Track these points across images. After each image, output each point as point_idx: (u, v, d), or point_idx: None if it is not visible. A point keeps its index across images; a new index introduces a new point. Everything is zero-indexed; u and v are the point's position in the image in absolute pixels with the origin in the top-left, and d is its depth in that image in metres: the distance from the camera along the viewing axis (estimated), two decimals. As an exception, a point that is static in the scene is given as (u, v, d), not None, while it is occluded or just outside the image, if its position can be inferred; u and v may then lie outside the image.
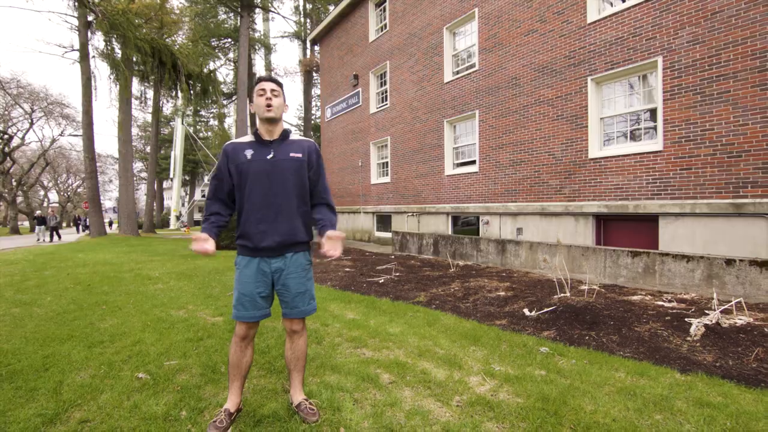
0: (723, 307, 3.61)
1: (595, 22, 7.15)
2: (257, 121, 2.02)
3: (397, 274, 6.52)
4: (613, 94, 7.10)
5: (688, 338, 3.05)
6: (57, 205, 50.93)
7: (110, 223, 34.14)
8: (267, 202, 1.93)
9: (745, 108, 5.44)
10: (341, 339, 3.27)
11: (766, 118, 5.26)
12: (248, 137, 2.04)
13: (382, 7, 13.48)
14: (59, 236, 20.62)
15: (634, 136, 6.86)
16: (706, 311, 3.63)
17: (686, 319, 3.39)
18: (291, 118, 38.77)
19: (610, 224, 7.16)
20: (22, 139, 37.87)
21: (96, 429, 1.92)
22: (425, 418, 2.00)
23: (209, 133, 40.64)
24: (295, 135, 2.08)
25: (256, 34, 29.99)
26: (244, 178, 1.94)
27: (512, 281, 5.50)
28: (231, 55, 32.69)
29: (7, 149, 34.91)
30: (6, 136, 34.25)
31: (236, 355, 1.99)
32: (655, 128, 6.47)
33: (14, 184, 39.77)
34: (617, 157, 6.85)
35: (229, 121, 41.39)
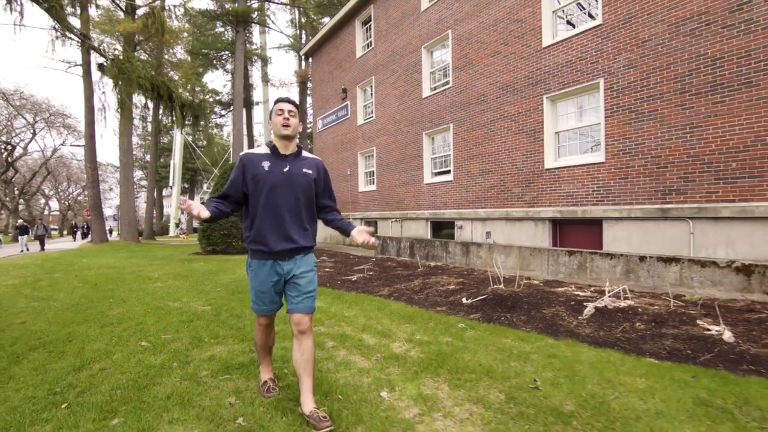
0: (611, 293, 4.39)
1: (549, 46, 8.00)
2: (273, 137, 2.24)
3: (371, 273, 7.30)
4: (566, 111, 7.92)
5: (580, 317, 3.82)
6: (58, 213, 51.67)
7: (110, 231, 34.85)
8: (281, 211, 2.12)
9: (670, 125, 6.26)
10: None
11: (687, 134, 6.07)
12: (263, 149, 2.23)
13: (367, 25, 14.38)
14: (43, 246, 19.67)
15: (582, 149, 7.67)
16: (608, 297, 4.41)
17: (585, 304, 4.16)
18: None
19: (564, 227, 7.95)
20: (25, 149, 38.73)
21: (112, 373, 2.69)
22: (348, 365, 2.77)
23: (207, 142, 41.54)
24: (306, 153, 2.30)
25: (253, 47, 30.98)
26: (261, 187, 2.11)
27: (466, 278, 6.27)
28: (229, 66, 33.69)
29: (10, 159, 35.80)
30: (10, 147, 35.10)
31: (261, 339, 2.36)
32: (599, 142, 7.28)
33: (16, 192, 40.61)
34: (568, 167, 7.66)
35: (228, 129, 42.36)
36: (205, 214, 2.00)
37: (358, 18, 14.66)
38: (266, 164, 2.14)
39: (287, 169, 2.15)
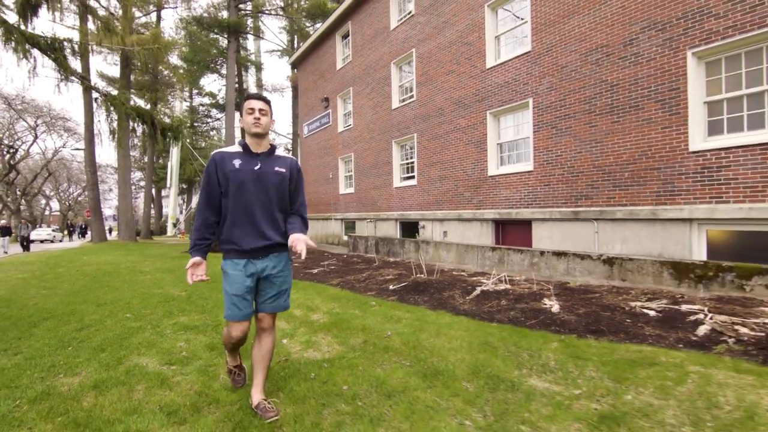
0: (494, 278, 5.51)
1: (492, 67, 9.10)
2: (246, 135, 2.19)
3: (332, 267, 8.42)
4: (506, 125, 9.03)
5: (467, 297, 4.93)
6: (59, 213, 52.85)
7: (110, 230, 36.01)
8: (252, 208, 2.09)
9: (581, 140, 7.36)
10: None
11: (593, 148, 7.17)
12: (236, 147, 2.18)
13: (346, 40, 15.48)
14: (28, 247, 18.75)
15: (517, 159, 8.78)
16: (498, 282, 5.51)
17: (478, 287, 5.28)
18: (282, 129, 40.77)
19: (505, 227, 9.06)
20: (27, 151, 39.86)
21: (103, 332, 3.81)
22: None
23: (203, 144, 42.68)
24: (280, 151, 2.27)
25: (247, 53, 32.08)
26: (232, 186, 2.08)
27: (406, 269, 7.38)
28: (224, 70, 34.81)
29: (12, 162, 36.95)
30: (12, 150, 36.23)
31: (231, 346, 2.31)
32: (528, 153, 8.38)
33: (18, 193, 41.77)
34: (506, 174, 8.77)
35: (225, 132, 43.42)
36: (205, 276, 2.13)
37: (338, 32, 15.76)
38: (237, 162, 2.10)
39: (258, 167, 2.12)
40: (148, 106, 27.60)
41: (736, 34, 5.51)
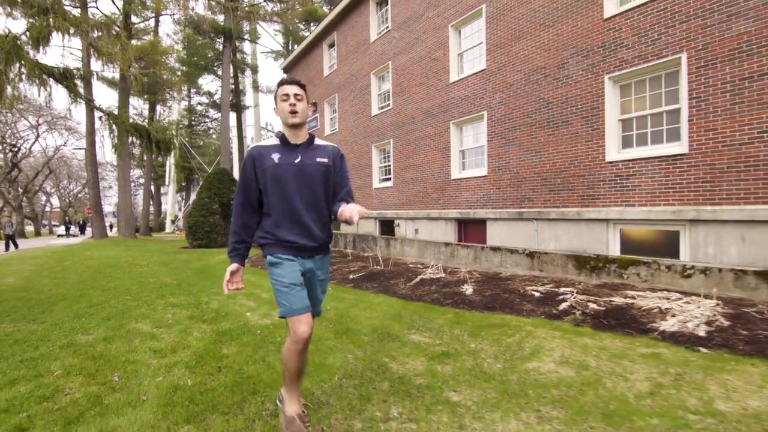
0: (432, 269, 6.56)
1: (454, 82, 10.11)
2: (282, 126, 2.02)
3: (309, 260, 9.46)
4: (466, 134, 10.05)
5: (408, 284, 5.97)
6: (59, 210, 53.86)
7: (111, 227, 37.01)
8: (296, 207, 1.93)
9: (524, 149, 8.38)
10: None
11: (533, 157, 8.19)
12: (272, 140, 2.03)
13: (332, 49, 16.46)
14: (15, 245, 18.53)
15: (475, 165, 9.81)
16: (435, 271, 6.55)
17: (419, 276, 6.32)
18: (276, 128, 41.73)
19: (467, 225, 10.10)
20: (29, 149, 40.85)
21: (107, 308, 4.85)
22: (243, 305, 4.93)
23: (201, 143, 43.68)
24: (319, 140, 2.09)
25: (245, 56, 33.01)
26: (272, 183, 1.93)
27: (370, 262, 8.42)
28: (221, 71, 35.76)
29: (15, 160, 37.93)
30: (15, 148, 37.23)
31: (295, 363, 1.91)
32: (484, 160, 9.41)
33: (20, 191, 42.80)
34: (467, 178, 9.80)
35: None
36: (238, 280, 2.01)
37: (325, 42, 16.74)
38: (276, 156, 1.95)
39: (299, 159, 1.96)
40: (147, 105, 28.66)
41: (642, 63, 6.53)
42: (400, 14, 12.10)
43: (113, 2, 21.75)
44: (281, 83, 2.00)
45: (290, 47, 31.56)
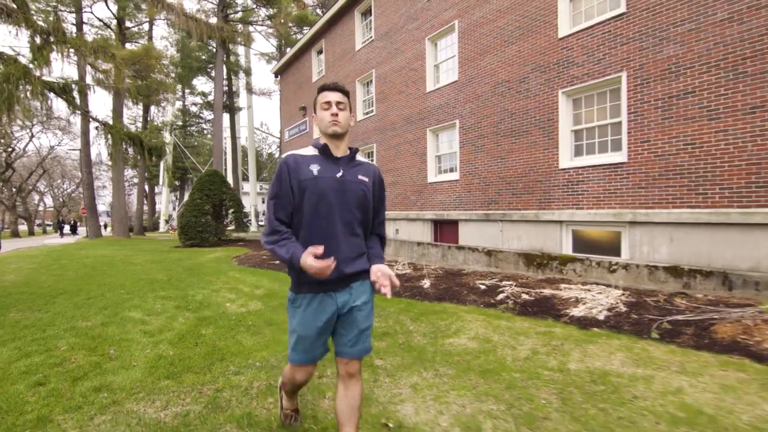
0: (399, 265, 7.22)
1: (431, 91, 10.79)
2: (321, 135, 1.80)
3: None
4: (442, 140, 10.73)
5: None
6: (53, 209, 54.06)
7: (105, 226, 37.41)
8: (334, 227, 1.67)
9: (491, 156, 9.07)
10: (215, 276, 6.83)
11: (499, 163, 8.88)
12: (310, 150, 1.79)
13: (321, 56, 17.10)
14: None
15: (449, 169, 10.49)
16: (402, 268, 7.21)
17: (387, 272, 6.98)
18: (271, 130, 42.26)
19: (442, 226, 10.78)
20: (23, 149, 41.15)
21: (103, 300, 5.48)
22: (224, 297, 5.57)
23: (196, 143, 44.19)
24: (361, 156, 1.91)
25: (238, 57, 33.53)
26: (310, 198, 1.67)
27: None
28: (214, 73, 36.28)
29: (9, 160, 38.26)
30: (10, 149, 37.55)
31: (294, 387, 1.96)
32: (456, 165, 10.09)
33: (14, 191, 43.08)
34: (442, 182, 10.48)
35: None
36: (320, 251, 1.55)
37: (314, 48, 17.37)
38: (315, 168, 1.70)
39: (341, 174, 1.72)
40: (140, 106, 29.11)
41: (590, 80, 7.22)
42: (382, 25, 12.76)
43: (107, 7, 22.27)
44: (322, 89, 1.80)
45: (283, 50, 32.16)
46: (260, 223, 36.62)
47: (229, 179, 29.92)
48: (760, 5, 5.37)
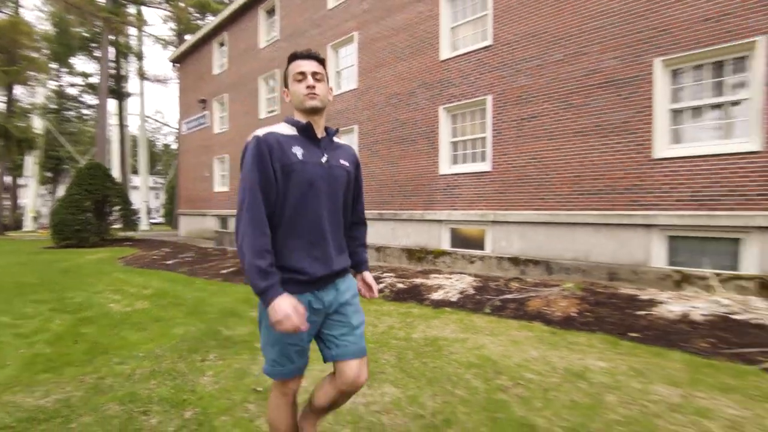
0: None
1: (333, 96, 11.30)
2: (296, 112, 1.52)
3: (189, 258, 9.90)
4: (342, 143, 11.34)
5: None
6: None
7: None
8: (321, 220, 1.44)
9: (385, 161, 9.93)
10: (96, 277, 6.57)
11: (392, 167, 9.76)
12: (286, 127, 1.48)
13: (224, 47, 16.57)
14: None
15: (349, 171, 11.16)
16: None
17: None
18: (168, 119, 38.95)
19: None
20: None
21: (-40, 307, 5.02)
22: (109, 298, 5.46)
23: (75, 129, 38.82)
24: (337, 137, 1.64)
25: (129, 37, 30.32)
26: (297, 186, 1.40)
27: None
28: (99, 53, 32.29)
29: None
30: None
31: (286, 420, 1.54)
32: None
33: None
34: (341, 183, 11.08)
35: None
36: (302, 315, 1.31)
37: (215, 40, 16.75)
38: (298, 151, 1.42)
39: (326, 159, 1.48)
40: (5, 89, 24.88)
41: (464, 99, 8.41)
42: (287, 27, 12.95)
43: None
44: (294, 57, 1.51)
45: (183, 38, 29.94)
46: (152, 220, 33.69)
47: (116, 172, 27.06)
48: (583, 52, 6.89)
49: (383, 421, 2.22)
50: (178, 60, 20.01)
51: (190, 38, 18.31)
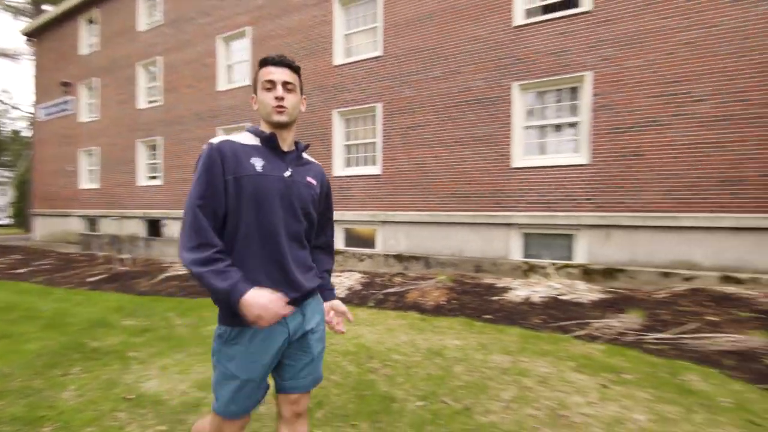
0: (178, 264, 7.40)
1: (223, 91, 10.83)
2: (262, 124, 1.45)
3: (48, 266, 8.63)
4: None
5: (151, 281, 6.51)
6: None
7: None
8: (279, 240, 1.36)
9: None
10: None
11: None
12: (247, 137, 1.42)
13: (94, 26, 14.58)
14: None
15: (242, 170, 10.82)
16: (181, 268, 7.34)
17: (164, 274, 6.94)
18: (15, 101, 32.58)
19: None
20: None
21: None
22: (-70, 316, 4.58)
23: None
24: (306, 154, 1.59)
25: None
26: (249, 199, 1.32)
27: (117, 265, 8.41)
28: None
29: None
30: None
31: None
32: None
33: None
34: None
35: None
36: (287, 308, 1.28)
37: (82, 16, 14.66)
38: (258, 162, 1.35)
39: (289, 174, 1.41)
40: None
41: (356, 105, 8.80)
42: (171, 10, 11.97)
43: None
44: (264, 63, 1.39)
45: (40, 8, 25.33)
46: (-2, 221, 28.04)
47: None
48: (459, 71, 7.74)
49: (260, 410, 2.39)
50: (33, 34, 16.96)
51: (51, 10, 15.69)
